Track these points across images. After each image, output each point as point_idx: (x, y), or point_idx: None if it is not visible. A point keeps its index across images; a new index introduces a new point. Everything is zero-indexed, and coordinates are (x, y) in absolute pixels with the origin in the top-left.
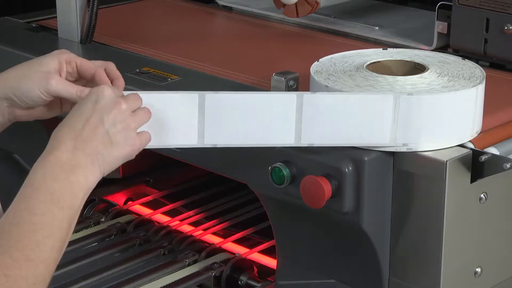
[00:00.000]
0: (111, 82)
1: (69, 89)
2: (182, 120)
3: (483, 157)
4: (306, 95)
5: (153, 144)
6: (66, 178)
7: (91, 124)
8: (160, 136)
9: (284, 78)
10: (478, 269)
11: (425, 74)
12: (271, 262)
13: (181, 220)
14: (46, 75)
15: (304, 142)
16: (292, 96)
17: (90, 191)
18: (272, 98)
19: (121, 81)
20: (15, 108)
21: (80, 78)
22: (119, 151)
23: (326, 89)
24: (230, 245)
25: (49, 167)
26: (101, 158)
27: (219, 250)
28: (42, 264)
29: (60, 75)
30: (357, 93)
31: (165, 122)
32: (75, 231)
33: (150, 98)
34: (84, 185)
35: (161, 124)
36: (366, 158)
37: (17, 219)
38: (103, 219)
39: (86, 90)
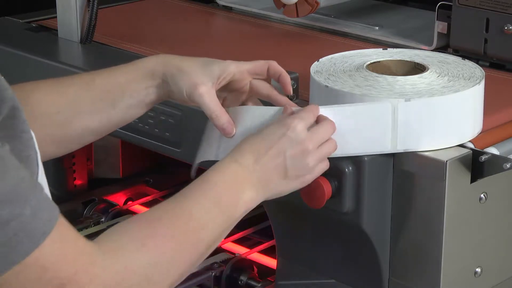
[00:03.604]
0: (277, 78)
1: (209, 106)
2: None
3: (483, 157)
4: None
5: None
6: (237, 192)
7: (273, 153)
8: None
9: None
10: (478, 269)
11: (425, 74)
12: (271, 262)
13: None
14: (200, 81)
15: None
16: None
17: (247, 212)
18: None
19: (287, 77)
20: (170, 91)
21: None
22: (289, 185)
23: (326, 89)
24: (230, 245)
25: (227, 176)
26: (271, 186)
27: (219, 250)
28: (185, 253)
29: (217, 85)
30: (353, 105)
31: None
32: None
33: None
34: (248, 204)
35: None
36: (366, 158)
37: (180, 209)
38: (103, 219)
39: (223, 118)
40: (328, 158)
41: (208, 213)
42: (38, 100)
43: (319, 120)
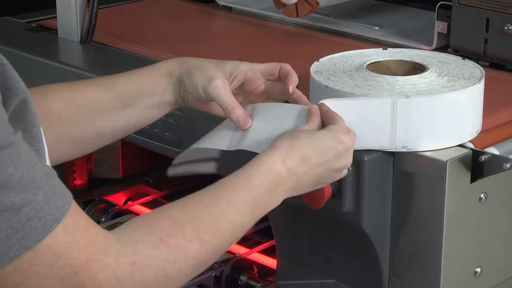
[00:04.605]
0: (286, 79)
1: (224, 99)
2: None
3: (483, 157)
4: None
5: None
6: (272, 197)
7: (319, 162)
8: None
9: None
10: (478, 269)
11: (425, 74)
12: (271, 262)
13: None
14: (215, 75)
15: None
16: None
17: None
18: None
19: (294, 77)
20: (187, 93)
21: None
22: (313, 188)
23: (326, 89)
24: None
25: (270, 178)
26: (299, 190)
27: None
28: (208, 247)
29: (231, 82)
30: (354, 99)
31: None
32: None
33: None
34: (274, 205)
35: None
36: (366, 158)
37: (212, 203)
38: (103, 219)
39: (238, 111)
40: None
41: (241, 216)
42: (54, 100)
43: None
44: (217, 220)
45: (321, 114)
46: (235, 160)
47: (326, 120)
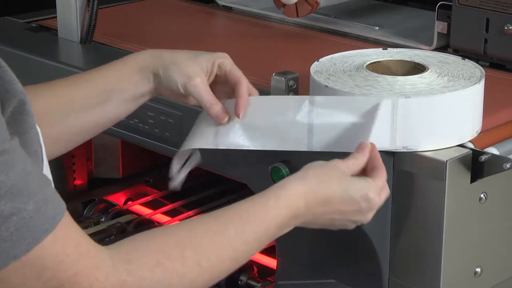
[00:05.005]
0: (237, 100)
1: (203, 96)
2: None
3: (483, 157)
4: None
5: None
6: (284, 229)
7: (340, 211)
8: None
9: (284, 78)
10: (478, 269)
11: (425, 74)
12: (271, 262)
13: (181, 220)
14: (193, 73)
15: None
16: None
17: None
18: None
19: (244, 102)
20: (161, 85)
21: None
22: (323, 227)
23: (326, 89)
24: None
25: (288, 211)
26: (310, 224)
27: None
28: (206, 274)
29: (208, 77)
30: (353, 97)
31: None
32: None
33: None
34: (282, 233)
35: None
36: None
37: (220, 229)
38: (103, 219)
39: (216, 107)
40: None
41: (247, 246)
42: (33, 101)
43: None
44: (221, 247)
45: (370, 157)
46: (234, 160)
47: (370, 167)
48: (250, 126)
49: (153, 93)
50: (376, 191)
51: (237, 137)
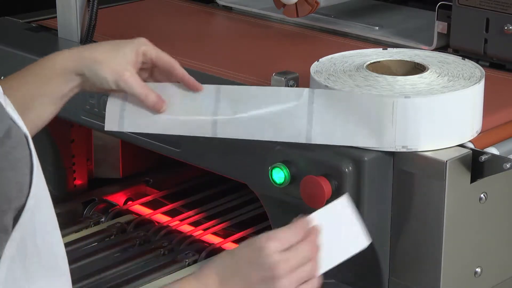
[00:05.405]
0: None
1: (136, 89)
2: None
3: (483, 157)
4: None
5: None
6: None
7: (240, 278)
8: None
9: (284, 78)
10: (478, 269)
11: (425, 74)
12: None
13: (181, 220)
14: (121, 67)
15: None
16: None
17: None
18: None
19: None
20: (86, 83)
21: (154, 67)
22: None
23: (326, 89)
24: (230, 245)
25: None
26: None
27: (219, 250)
28: None
29: (135, 67)
30: (354, 94)
31: None
32: (75, 231)
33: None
34: None
35: None
36: (366, 158)
37: None
38: (103, 219)
39: (151, 97)
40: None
41: None
42: None
43: (305, 236)
44: None
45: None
46: (234, 160)
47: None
48: (246, 117)
49: (75, 91)
50: (266, 236)
51: (235, 127)
